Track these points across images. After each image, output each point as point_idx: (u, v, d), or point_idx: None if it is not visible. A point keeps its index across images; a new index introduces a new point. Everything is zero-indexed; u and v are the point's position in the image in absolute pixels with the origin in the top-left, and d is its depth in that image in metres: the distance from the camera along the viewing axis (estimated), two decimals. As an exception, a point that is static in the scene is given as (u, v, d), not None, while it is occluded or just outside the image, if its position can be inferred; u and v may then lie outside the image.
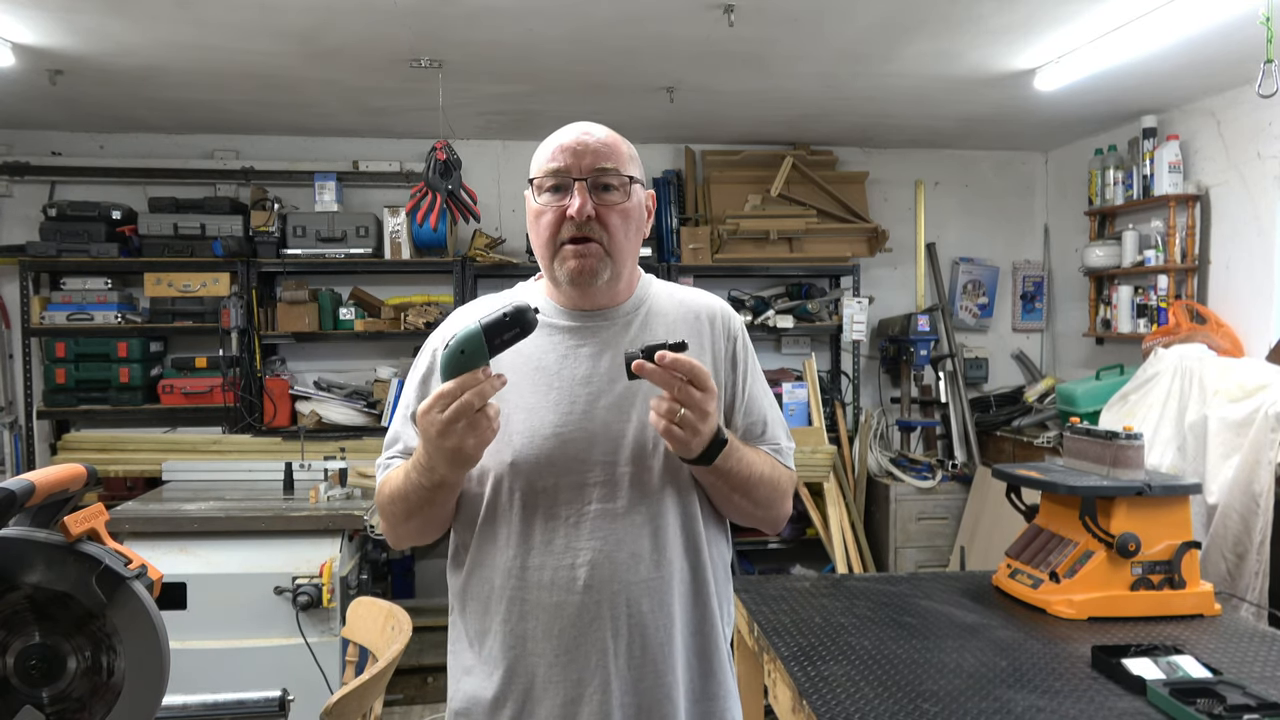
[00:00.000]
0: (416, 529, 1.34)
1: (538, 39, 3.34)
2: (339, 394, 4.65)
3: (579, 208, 1.28)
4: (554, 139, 1.34)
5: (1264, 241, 3.84)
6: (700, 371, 1.17)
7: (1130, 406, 3.79)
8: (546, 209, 1.31)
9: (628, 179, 1.33)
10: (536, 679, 1.29)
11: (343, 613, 2.71)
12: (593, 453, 1.29)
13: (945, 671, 1.71)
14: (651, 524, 1.30)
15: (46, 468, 0.99)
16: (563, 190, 1.31)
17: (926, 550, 4.71)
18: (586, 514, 1.28)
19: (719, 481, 1.31)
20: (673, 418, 1.18)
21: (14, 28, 3.17)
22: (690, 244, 4.76)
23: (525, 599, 1.29)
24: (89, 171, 4.69)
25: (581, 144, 1.31)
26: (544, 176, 1.32)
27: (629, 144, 1.38)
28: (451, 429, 1.13)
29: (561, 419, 1.30)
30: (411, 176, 4.79)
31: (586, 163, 1.30)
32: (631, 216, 1.34)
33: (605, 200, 1.31)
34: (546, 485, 1.29)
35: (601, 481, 1.29)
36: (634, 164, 1.37)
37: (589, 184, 1.30)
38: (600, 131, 1.35)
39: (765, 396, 1.46)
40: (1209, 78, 3.81)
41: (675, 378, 1.16)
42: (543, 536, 1.29)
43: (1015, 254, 5.46)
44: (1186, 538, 2.07)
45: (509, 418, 1.30)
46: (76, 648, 0.95)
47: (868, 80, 3.89)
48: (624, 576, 1.28)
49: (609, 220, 1.31)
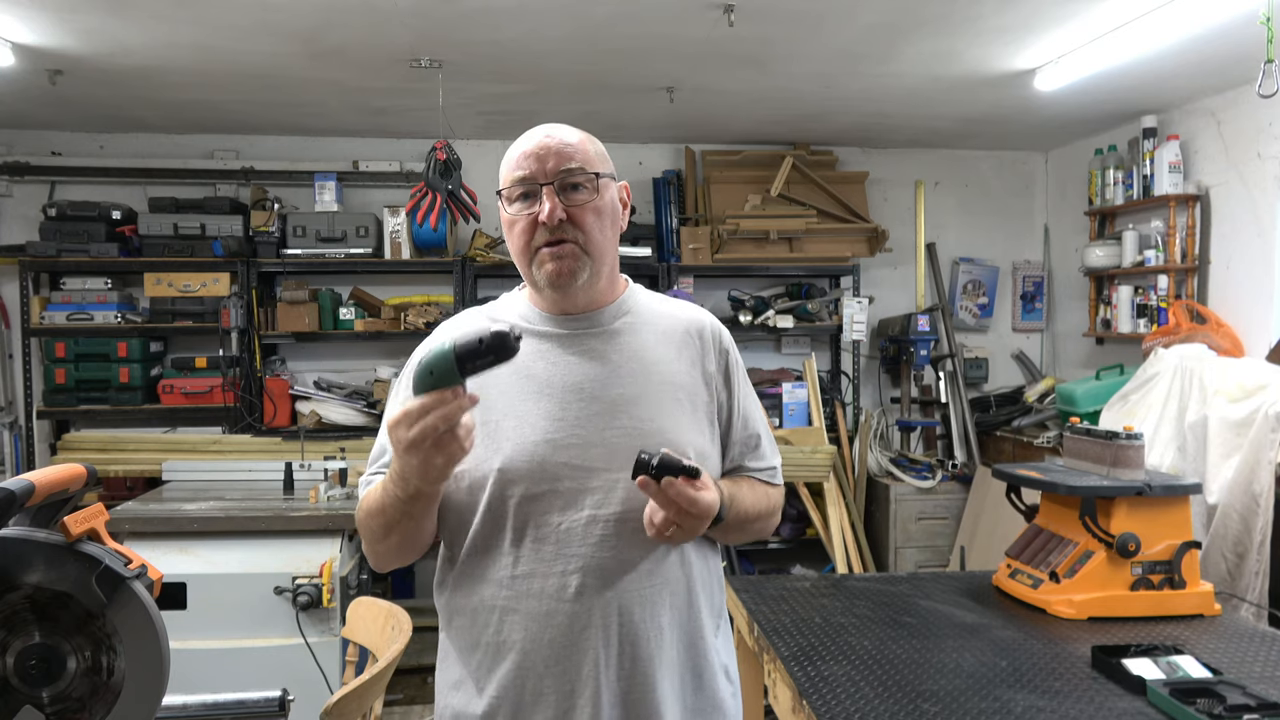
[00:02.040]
0: (395, 547, 1.31)
1: (538, 39, 3.34)
2: (339, 394, 4.65)
3: (549, 212, 1.27)
4: (517, 146, 1.33)
5: (1264, 241, 3.84)
6: (702, 504, 1.19)
7: (1130, 406, 3.79)
8: (518, 218, 1.30)
9: (594, 176, 1.31)
10: (526, 689, 1.27)
11: (343, 613, 2.71)
12: (584, 460, 1.28)
13: (945, 671, 1.71)
14: (643, 532, 1.28)
15: (46, 468, 0.99)
16: (531, 197, 1.29)
17: (926, 550, 4.71)
18: (578, 521, 1.27)
19: (714, 533, 1.35)
20: (664, 531, 1.21)
21: (14, 28, 3.17)
22: (690, 244, 4.76)
23: (516, 608, 1.28)
24: (89, 171, 4.69)
25: (544, 147, 1.29)
26: (511, 186, 1.31)
27: (595, 141, 1.37)
28: (418, 447, 1.10)
29: (552, 426, 1.29)
30: (411, 176, 4.79)
31: (551, 165, 1.28)
32: (605, 213, 1.33)
33: (575, 200, 1.29)
34: (537, 493, 1.27)
35: (593, 489, 1.28)
36: (601, 160, 1.35)
37: (556, 186, 1.28)
38: (563, 132, 1.33)
39: (756, 409, 1.48)
40: (1209, 78, 3.81)
41: (674, 504, 1.18)
42: (533, 545, 1.28)
43: (1015, 254, 5.46)
44: (1186, 538, 2.07)
45: (498, 425, 1.29)
46: (76, 648, 0.95)
47: (868, 80, 3.89)
48: (616, 585, 1.27)
49: (582, 220, 1.29)
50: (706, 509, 1.20)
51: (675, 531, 1.21)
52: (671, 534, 1.21)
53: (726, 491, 1.31)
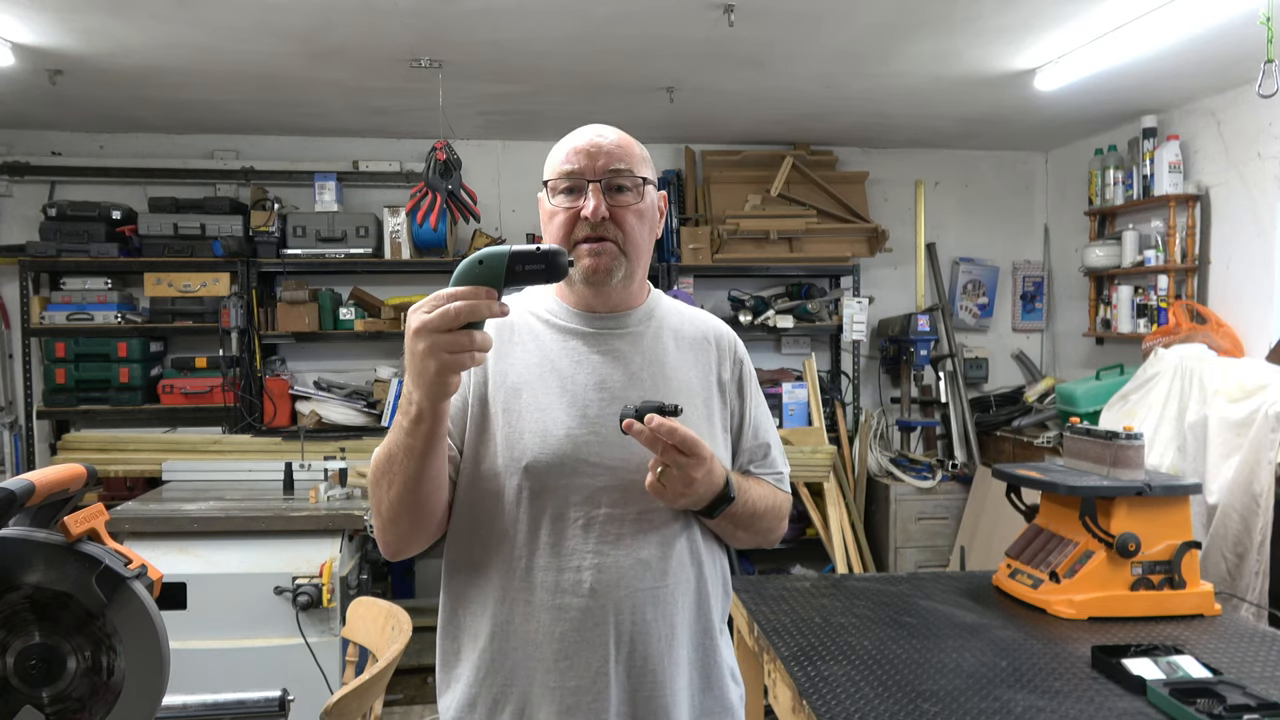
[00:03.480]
0: (398, 504, 1.22)
1: (538, 39, 3.34)
2: (339, 394, 4.65)
3: (594, 209, 1.28)
4: (567, 141, 1.35)
5: (1264, 241, 3.84)
6: (688, 439, 1.19)
7: (1130, 406, 3.79)
8: (560, 210, 1.32)
9: (641, 180, 1.34)
10: (534, 684, 1.27)
11: (343, 613, 2.71)
12: (604, 458, 1.29)
13: (945, 671, 1.71)
14: (658, 532, 1.30)
15: (46, 468, 0.99)
16: (577, 192, 1.31)
17: (926, 550, 4.71)
18: (595, 518, 1.28)
19: (724, 522, 1.34)
20: (659, 478, 1.21)
21: (14, 28, 3.17)
22: (690, 244, 4.76)
23: (530, 600, 1.27)
24: (89, 171, 4.69)
25: (595, 145, 1.32)
26: (558, 178, 1.32)
27: (641, 146, 1.39)
28: (433, 334, 1.05)
29: (574, 422, 1.30)
30: (411, 176, 4.79)
31: (600, 164, 1.31)
32: (646, 217, 1.35)
33: (619, 201, 1.31)
34: (556, 486, 1.28)
35: (611, 487, 1.29)
36: (646, 165, 1.37)
37: (603, 185, 1.30)
38: (613, 134, 1.35)
39: (766, 419, 1.50)
40: (1209, 78, 3.81)
41: (661, 442, 1.18)
42: (548, 539, 1.28)
43: (1015, 254, 5.46)
44: (1186, 538, 2.07)
45: (520, 414, 1.30)
46: (76, 648, 0.95)
47: (867, 80, 3.89)
48: (629, 583, 1.27)
49: (624, 220, 1.31)
50: (693, 446, 1.19)
51: (667, 477, 1.21)
52: (664, 479, 1.21)
53: (734, 479, 1.32)
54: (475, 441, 1.31)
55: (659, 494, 1.24)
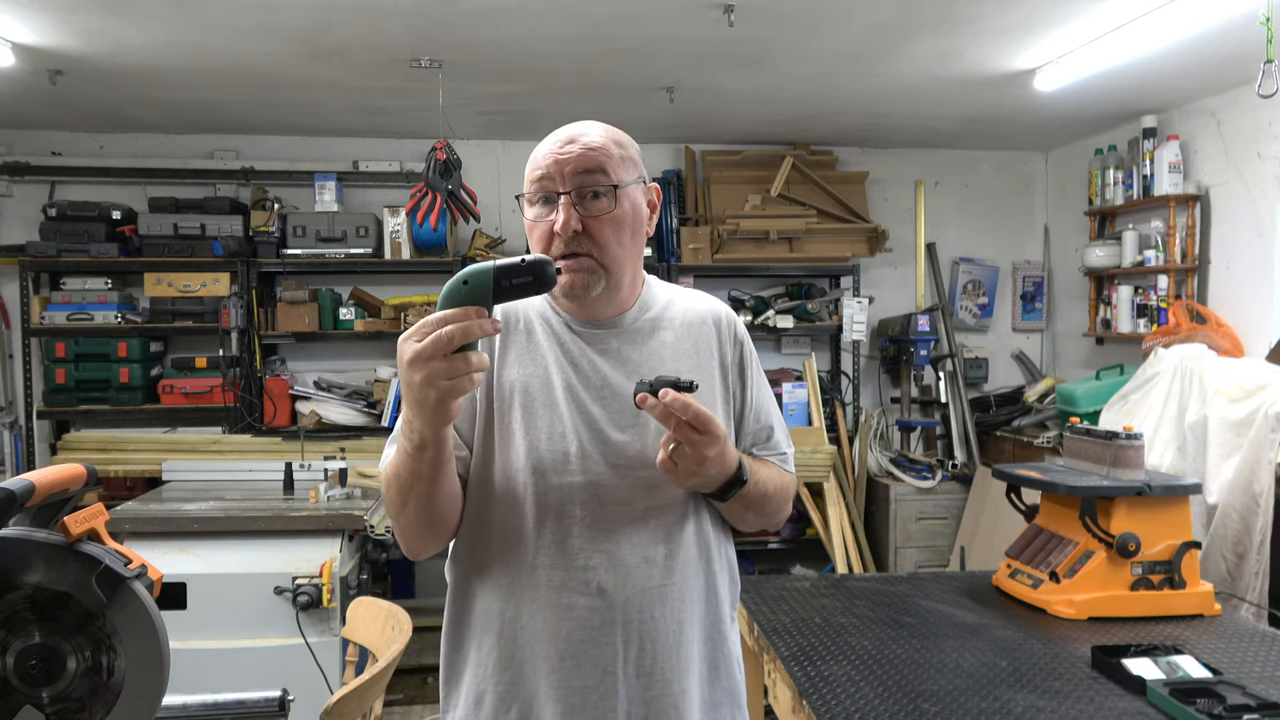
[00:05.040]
0: (415, 519, 1.24)
1: (538, 39, 3.34)
2: (339, 394, 4.65)
3: (563, 224, 1.25)
4: (541, 146, 1.31)
5: (1264, 241, 3.84)
6: (702, 416, 1.16)
7: (1130, 406, 3.79)
8: (537, 222, 1.30)
9: (613, 187, 1.29)
10: (541, 682, 1.26)
11: (343, 613, 2.71)
12: (609, 456, 1.28)
13: (945, 671, 1.71)
14: (665, 530, 1.28)
15: (46, 468, 0.99)
16: (550, 202, 1.28)
17: (926, 550, 4.71)
18: (602, 517, 1.27)
19: (734, 504, 1.32)
20: (671, 456, 1.19)
21: (14, 28, 3.17)
22: (690, 244, 4.76)
23: (536, 598, 1.27)
24: (89, 171, 4.69)
25: (565, 153, 1.27)
26: (531, 189, 1.30)
27: (625, 140, 1.34)
28: (427, 363, 1.03)
29: (580, 421, 1.29)
30: (411, 176, 4.79)
31: (569, 171, 1.26)
32: (624, 224, 1.30)
33: (592, 210, 1.26)
34: (561, 484, 1.27)
35: (616, 484, 1.28)
36: (626, 165, 1.31)
37: (574, 196, 1.26)
38: (589, 134, 1.30)
39: (769, 400, 1.48)
40: (1209, 78, 3.81)
41: (675, 417, 1.16)
42: (555, 537, 1.27)
43: (1015, 254, 5.46)
44: (1186, 538, 2.07)
45: (525, 413, 1.29)
46: (76, 648, 0.95)
47: (867, 80, 3.89)
48: (636, 582, 1.27)
49: (599, 233, 1.27)
50: (706, 423, 1.17)
51: (679, 454, 1.18)
52: (676, 456, 1.18)
53: (747, 462, 1.31)
54: (484, 439, 1.31)
55: (670, 472, 1.21)
